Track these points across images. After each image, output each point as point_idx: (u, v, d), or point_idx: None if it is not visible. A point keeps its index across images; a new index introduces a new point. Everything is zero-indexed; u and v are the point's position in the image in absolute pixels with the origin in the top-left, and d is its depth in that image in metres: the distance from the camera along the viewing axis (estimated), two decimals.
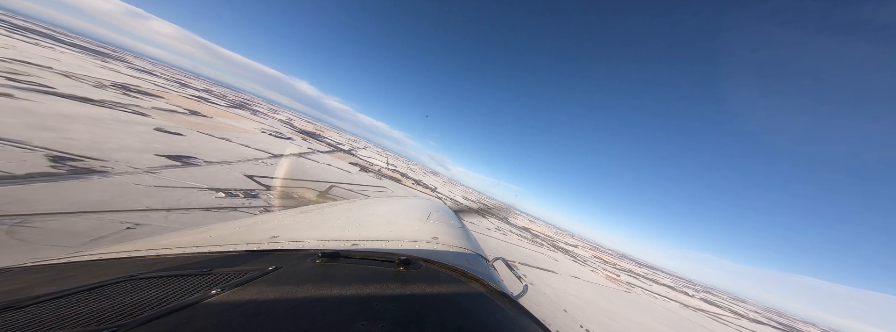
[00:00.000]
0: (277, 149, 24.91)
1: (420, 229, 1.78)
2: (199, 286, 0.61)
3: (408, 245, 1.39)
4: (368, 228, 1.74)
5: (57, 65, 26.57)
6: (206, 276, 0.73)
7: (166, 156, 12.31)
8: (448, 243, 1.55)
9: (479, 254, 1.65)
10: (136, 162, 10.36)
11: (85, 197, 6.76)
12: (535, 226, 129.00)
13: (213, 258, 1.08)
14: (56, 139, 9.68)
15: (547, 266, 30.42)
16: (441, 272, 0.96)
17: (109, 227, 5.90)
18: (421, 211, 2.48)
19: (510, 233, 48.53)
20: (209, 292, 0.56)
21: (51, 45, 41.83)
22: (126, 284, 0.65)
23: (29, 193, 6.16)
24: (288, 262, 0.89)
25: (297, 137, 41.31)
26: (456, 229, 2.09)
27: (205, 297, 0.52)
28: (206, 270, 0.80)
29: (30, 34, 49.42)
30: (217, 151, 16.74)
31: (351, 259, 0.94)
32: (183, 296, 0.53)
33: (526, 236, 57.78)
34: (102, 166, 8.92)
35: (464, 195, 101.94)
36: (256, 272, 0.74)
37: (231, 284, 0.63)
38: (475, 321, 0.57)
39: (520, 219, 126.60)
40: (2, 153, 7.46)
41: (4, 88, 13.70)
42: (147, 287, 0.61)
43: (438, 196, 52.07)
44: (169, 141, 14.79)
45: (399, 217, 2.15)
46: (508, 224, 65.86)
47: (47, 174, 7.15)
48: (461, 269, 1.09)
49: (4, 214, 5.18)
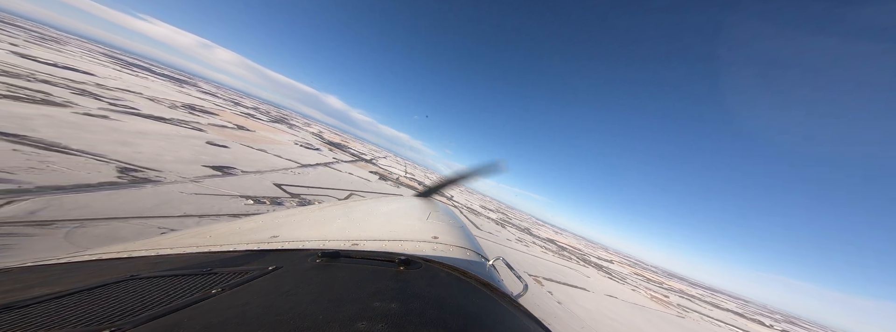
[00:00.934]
0: (306, 159, 26.65)
1: (420, 229, 1.76)
2: (199, 286, 0.61)
3: (408, 245, 1.37)
4: (368, 228, 1.72)
5: (146, 91, 32.18)
6: (207, 276, 0.73)
7: (210, 166, 13.86)
8: (448, 243, 1.52)
9: (479, 254, 1.61)
10: (185, 172, 11.79)
11: (135, 204, 7.57)
12: (562, 237, 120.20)
13: (213, 258, 1.08)
14: (128, 153, 11.46)
15: (577, 282, 27.79)
16: (441, 272, 0.94)
17: (147, 232, 6.47)
18: (421, 211, 2.44)
19: (533, 244, 45.57)
20: (209, 291, 0.56)
21: (145, 76, 51.34)
22: (126, 284, 0.65)
23: (94, 200, 7.04)
24: (288, 262, 0.89)
25: (325, 148, 43.84)
26: (456, 229, 2.04)
27: (205, 297, 0.53)
28: (206, 270, 0.80)
29: (134, 68, 61.12)
30: (254, 161, 18.51)
31: (351, 259, 0.92)
32: (183, 296, 0.54)
33: (551, 248, 53.77)
34: (157, 175, 10.24)
35: (482, 204, 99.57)
36: (256, 272, 0.74)
37: (231, 284, 0.63)
38: (475, 320, 0.57)
39: (544, 230, 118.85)
40: (85, 165, 8.89)
41: (104, 111, 16.79)
42: (147, 287, 0.62)
43: (455, 204, 51.44)
44: (215, 153, 16.73)
45: (399, 217, 2.12)
46: (530, 235, 62.07)
47: (113, 183, 8.23)
48: (461, 269, 1.06)
49: (69, 219, 5.95)
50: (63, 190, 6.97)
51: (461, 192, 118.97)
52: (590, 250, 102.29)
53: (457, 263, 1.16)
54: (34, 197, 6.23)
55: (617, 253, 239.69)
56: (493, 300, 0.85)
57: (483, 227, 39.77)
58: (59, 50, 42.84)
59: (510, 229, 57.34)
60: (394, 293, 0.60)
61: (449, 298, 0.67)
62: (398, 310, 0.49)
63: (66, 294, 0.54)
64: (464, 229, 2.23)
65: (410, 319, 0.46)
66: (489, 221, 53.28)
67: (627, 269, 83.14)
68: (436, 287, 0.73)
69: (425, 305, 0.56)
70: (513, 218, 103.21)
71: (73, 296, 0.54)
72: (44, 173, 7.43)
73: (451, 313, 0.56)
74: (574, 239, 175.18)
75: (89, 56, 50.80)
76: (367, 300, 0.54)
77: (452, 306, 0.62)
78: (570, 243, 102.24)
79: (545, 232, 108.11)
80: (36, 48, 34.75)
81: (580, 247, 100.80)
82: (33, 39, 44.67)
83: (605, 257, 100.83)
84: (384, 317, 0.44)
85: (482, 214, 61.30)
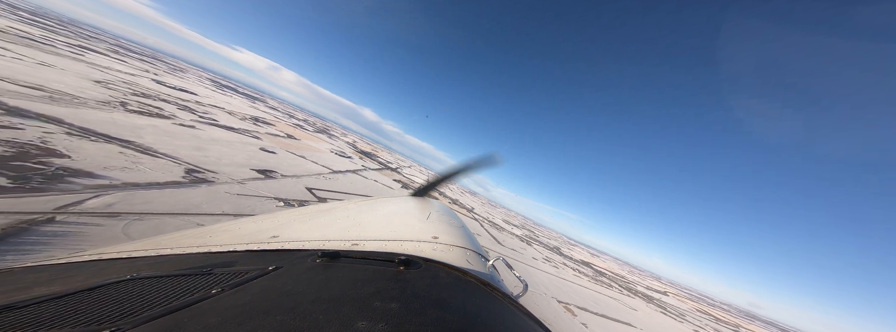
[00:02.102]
0: (338, 166, 28.65)
1: (420, 229, 1.75)
2: (199, 286, 0.61)
3: (408, 245, 1.36)
4: (368, 228, 1.72)
5: (227, 106, 39.66)
6: (207, 276, 0.73)
7: (257, 170, 15.86)
8: (448, 243, 1.51)
9: (479, 254, 1.59)
10: (236, 174, 13.67)
11: (187, 201, 8.67)
12: (600, 261, 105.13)
13: (213, 258, 1.08)
14: (198, 156, 13.86)
15: (620, 315, 23.80)
16: (441, 272, 0.93)
17: (186, 227, 7.32)
18: (421, 211, 2.42)
19: (564, 266, 40.69)
20: (209, 292, 0.56)
21: (230, 95, 63.78)
22: (126, 284, 0.65)
23: (158, 196, 8.25)
24: (288, 262, 0.88)
25: (356, 156, 46.59)
26: (456, 229, 2.02)
27: (205, 297, 0.53)
28: (206, 270, 0.80)
29: (224, 89, 76.49)
30: (293, 166, 20.70)
31: (351, 259, 0.92)
32: (183, 296, 0.54)
33: (586, 271, 47.28)
34: (213, 177, 12.05)
35: (505, 219, 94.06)
36: (256, 272, 0.74)
37: (231, 284, 0.63)
38: (476, 320, 0.58)
39: (577, 250, 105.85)
40: (163, 166, 10.81)
41: (194, 122, 20.94)
42: (147, 287, 0.62)
43: (475, 217, 49.51)
44: (264, 158, 19.21)
45: (399, 217, 2.11)
46: (561, 255, 55.74)
47: (177, 183, 9.75)
48: (462, 269, 1.06)
49: (133, 212, 6.99)
50: (139, 187, 8.54)
51: (482, 204, 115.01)
52: (636, 278, 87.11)
53: (457, 263, 1.15)
54: (116, 192, 7.66)
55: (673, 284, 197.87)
56: (494, 300, 0.84)
57: (505, 242, 37.34)
58: (181, 77, 55.94)
59: (537, 246, 52.76)
60: (394, 293, 0.60)
61: (449, 298, 0.67)
62: (398, 310, 0.50)
63: (66, 294, 0.54)
64: (464, 229, 2.19)
65: (410, 319, 0.46)
66: (513, 237, 49.92)
67: (687, 303, 70.53)
68: (436, 287, 0.73)
69: (425, 305, 0.56)
70: (540, 235, 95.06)
71: (73, 296, 0.53)
72: (132, 172, 9.29)
73: (451, 313, 0.56)
74: (615, 264, 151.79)
75: (197, 80, 64.80)
76: (367, 300, 0.54)
77: (452, 306, 0.62)
78: (609, 267, 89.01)
79: (579, 253, 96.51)
80: (167, 76, 46.06)
81: (622, 273, 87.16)
82: (168, 70, 59.25)
83: (657, 287, 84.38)
84: (384, 317, 0.44)
85: (505, 229, 57.84)
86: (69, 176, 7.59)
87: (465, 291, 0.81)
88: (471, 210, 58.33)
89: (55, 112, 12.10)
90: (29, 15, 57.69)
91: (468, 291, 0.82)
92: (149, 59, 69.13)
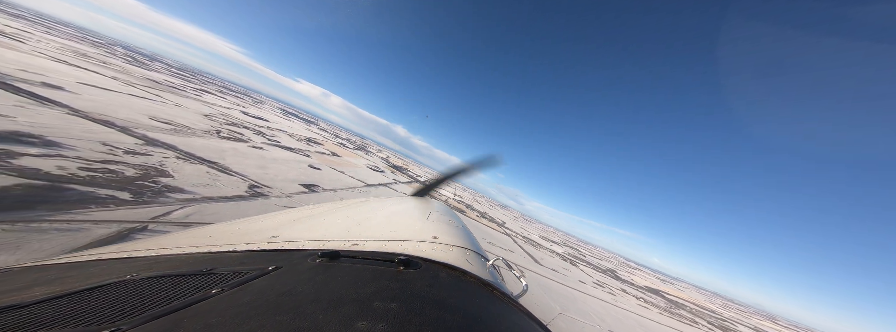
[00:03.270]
0: (372, 180, 30.62)
1: (420, 229, 1.75)
2: (199, 286, 0.62)
3: (408, 245, 1.36)
4: (368, 228, 1.72)
5: (290, 130, 47.43)
6: (207, 276, 0.73)
7: (303, 185, 18.06)
8: (448, 243, 1.51)
9: (479, 254, 1.58)
10: (286, 189, 15.77)
11: (243, 213, 10.00)
12: (673, 288, 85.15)
13: (213, 258, 1.09)
14: (260, 174, 16.52)
15: None
16: (441, 272, 0.94)
17: None
18: (421, 211, 2.42)
19: (623, 293, 34.17)
20: (209, 292, 0.56)
21: (293, 120, 76.34)
22: (126, 284, 0.66)
23: (223, 208, 9.78)
24: (288, 262, 0.89)
25: (388, 171, 49.15)
26: (456, 229, 2.01)
27: (205, 297, 0.53)
28: (206, 270, 0.80)
29: (289, 115, 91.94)
30: (334, 181, 22.94)
31: (351, 259, 0.93)
32: (183, 296, 0.54)
33: (656, 301, 38.65)
34: (267, 191, 14.11)
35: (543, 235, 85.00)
36: (256, 272, 0.74)
37: (231, 284, 0.63)
38: (475, 320, 0.58)
39: (639, 274, 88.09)
40: (233, 182, 13.23)
41: (263, 145, 25.50)
42: (147, 287, 0.62)
43: (507, 232, 46.12)
44: (311, 174, 21.84)
45: (399, 217, 2.11)
46: (617, 279, 47.10)
47: (240, 196, 11.77)
48: (461, 269, 1.06)
49: (202, 221, 8.28)
50: (212, 200, 10.48)
51: (515, 218, 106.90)
52: (734, 314, 67.22)
53: (457, 263, 1.15)
54: (195, 204, 9.48)
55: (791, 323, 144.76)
56: (494, 300, 0.84)
57: (544, 261, 33.58)
58: (259, 107, 69.79)
59: (584, 267, 45.96)
60: (394, 293, 0.60)
61: (449, 298, 0.67)
62: (398, 310, 0.50)
63: (66, 294, 0.55)
64: (464, 229, 2.18)
65: (410, 319, 0.46)
66: (553, 255, 44.72)
67: None
68: (436, 287, 0.73)
69: (425, 305, 0.56)
70: (587, 254, 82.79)
71: (73, 296, 0.54)
72: (210, 188, 11.53)
73: (451, 313, 0.56)
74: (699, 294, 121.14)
75: (270, 110, 79.47)
76: (367, 300, 0.54)
77: (452, 306, 0.62)
78: (690, 298, 71.33)
79: (642, 278, 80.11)
80: (250, 108, 57.91)
81: (713, 306, 68.30)
82: (252, 102, 74.66)
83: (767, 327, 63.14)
84: (384, 317, 0.45)
85: (543, 246, 52.33)
86: (168, 192, 9.76)
87: (465, 291, 0.81)
88: (502, 224, 54.96)
89: (174, 141, 16.02)
90: (176, 69, 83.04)
91: (468, 291, 0.82)
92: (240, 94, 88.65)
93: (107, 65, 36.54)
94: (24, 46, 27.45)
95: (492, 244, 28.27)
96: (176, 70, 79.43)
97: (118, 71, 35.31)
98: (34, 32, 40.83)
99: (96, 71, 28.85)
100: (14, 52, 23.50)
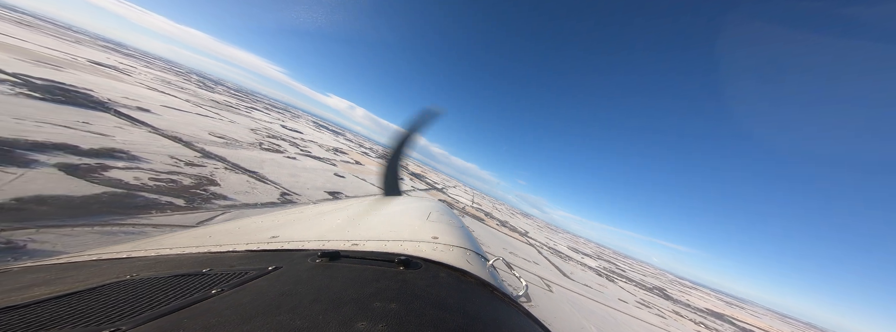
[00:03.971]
0: None
1: (420, 229, 1.75)
2: (199, 286, 0.62)
3: (408, 245, 1.38)
4: (368, 228, 1.75)
5: (320, 141, 51.79)
6: (206, 276, 0.73)
7: (328, 191, 19.48)
8: (448, 243, 1.51)
9: (479, 254, 1.58)
10: (312, 196, 17.13)
11: None
12: (743, 313, 71.24)
13: (213, 258, 1.09)
14: (292, 181, 18.20)
15: None
16: (441, 272, 0.95)
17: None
18: (421, 211, 2.43)
19: (676, 316, 29.57)
20: (209, 292, 0.57)
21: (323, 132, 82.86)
22: (126, 284, 0.66)
23: (255, 213, 11.80)
24: (288, 262, 0.90)
25: (407, 178, 51.12)
26: (456, 229, 2.00)
27: (205, 297, 0.53)
28: (206, 270, 0.81)
29: (320, 127, 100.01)
30: (356, 188, 24.18)
31: (351, 259, 0.95)
32: (183, 296, 0.54)
33: (720, 328, 32.57)
34: (296, 198, 15.47)
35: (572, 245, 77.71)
36: (256, 272, 0.75)
37: (231, 284, 0.64)
38: (475, 321, 0.57)
39: (696, 295, 75.20)
40: (267, 190, 14.70)
41: (296, 155, 28.23)
42: (147, 287, 0.62)
43: (530, 242, 43.27)
44: (335, 181, 23.44)
45: (399, 217, 2.13)
46: (667, 299, 40.82)
47: (272, 203, 13.18)
48: (461, 269, 1.07)
49: None
50: (247, 206, 11.89)
51: (539, 228, 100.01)
52: None
53: (457, 263, 1.15)
54: (234, 210, 10.95)
55: None
56: (494, 301, 0.84)
57: (575, 276, 30.53)
58: (296, 121, 77.32)
59: (623, 283, 41.16)
60: (394, 294, 0.61)
61: (449, 298, 0.67)
62: (398, 310, 0.50)
63: (66, 294, 0.55)
64: (464, 229, 2.16)
65: (410, 319, 0.46)
66: (585, 269, 40.75)
67: None
68: (436, 288, 0.72)
69: (425, 305, 0.56)
70: (626, 269, 73.57)
71: (73, 296, 0.54)
72: (247, 195, 13.08)
73: (451, 313, 0.56)
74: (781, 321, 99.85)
75: (305, 123, 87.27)
76: (367, 300, 0.55)
77: (452, 306, 0.62)
78: (769, 327, 59.14)
79: (700, 298, 68.41)
80: (289, 122, 64.55)
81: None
82: (290, 117, 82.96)
83: None
84: (384, 317, 0.45)
85: (573, 258, 48.16)
86: (214, 199, 11.29)
87: (465, 291, 0.80)
88: (524, 234, 52.12)
89: (224, 153, 18.52)
90: (234, 90, 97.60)
91: (468, 291, 0.81)
92: (281, 110, 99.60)
93: (183, 89, 44.06)
94: (129, 78, 34.17)
95: (514, 255, 26.75)
96: (234, 91, 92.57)
97: (191, 94, 42.22)
98: (137, 67, 51.08)
99: (175, 95, 34.81)
100: (122, 83, 29.41)
